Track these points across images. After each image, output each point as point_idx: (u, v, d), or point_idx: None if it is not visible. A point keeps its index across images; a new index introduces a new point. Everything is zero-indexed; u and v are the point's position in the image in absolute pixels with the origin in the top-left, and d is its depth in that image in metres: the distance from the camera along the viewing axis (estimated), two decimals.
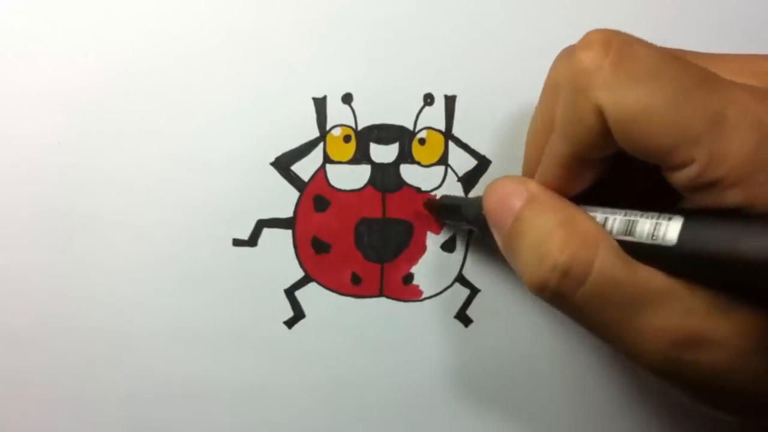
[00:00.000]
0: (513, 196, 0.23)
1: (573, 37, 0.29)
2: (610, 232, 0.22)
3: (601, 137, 0.21)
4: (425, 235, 0.29)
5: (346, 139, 0.29)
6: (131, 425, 0.30)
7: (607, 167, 0.23)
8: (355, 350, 0.30)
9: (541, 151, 0.23)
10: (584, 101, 0.21)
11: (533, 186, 0.23)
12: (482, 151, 0.29)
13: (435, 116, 0.29)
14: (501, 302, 0.30)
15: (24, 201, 0.28)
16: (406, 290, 0.30)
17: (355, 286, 0.29)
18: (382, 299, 0.30)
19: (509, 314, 0.30)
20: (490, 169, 0.29)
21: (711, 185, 0.20)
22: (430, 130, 0.29)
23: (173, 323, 0.29)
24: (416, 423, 0.30)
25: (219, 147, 0.29)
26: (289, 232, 0.29)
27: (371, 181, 0.29)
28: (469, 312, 0.30)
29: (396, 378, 0.30)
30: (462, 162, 0.29)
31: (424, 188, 0.29)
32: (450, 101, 0.29)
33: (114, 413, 0.29)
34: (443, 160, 0.29)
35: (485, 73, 0.29)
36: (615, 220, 0.22)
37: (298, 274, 0.29)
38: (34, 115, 0.28)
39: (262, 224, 0.29)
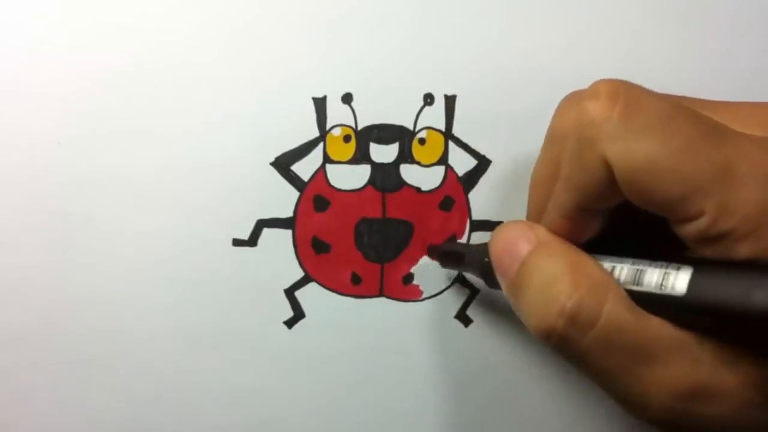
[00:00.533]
0: (520, 241, 0.23)
1: (573, 36, 0.29)
2: (618, 280, 0.21)
3: (607, 189, 0.21)
4: (425, 235, 0.29)
5: (346, 139, 0.29)
6: (131, 425, 0.30)
7: (614, 216, 0.23)
8: (355, 350, 0.30)
9: (546, 199, 0.23)
10: (591, 152, 0.21)
11: (541, 231, 0.23)
12: (482, 151, 0.29)
13: (435, 116, 0.29)
14: (501, 302, 0.30)
15: (24, 201, 0.28)
16: (406, 290, 0.30)
17: (355, 286, 0.29)
18: (382, 299, 0.30)
19: (509, 314, 0.30)
20: (490, 169, 0.29)
21: (720, 237, 0.19)
22: (430, 130, 0.29)
23: (173, 323, 0.29)
24: (416, 423, 0.30)
25: (219, 147, 0.29)
26: (289, 232, 0.29)
27: (371, 181, 0.29)
28: (469, 312, 0.30)
29: (396, 378, 0.30)
30: (462, 162, 0.29)
31: (424, 188, 0.29)
32: (450, 101, 0.29)
33: (114, 413, 0.29)
34: (443, 160, 0.29)
35: (485, 73, 0.29)
36: (623, 269, 0.21)
37: (298, 274, 0.29)
38: (34, 115, 0.28)
39: (262, 224, 0.29)
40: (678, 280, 0.20)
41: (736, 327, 0.19)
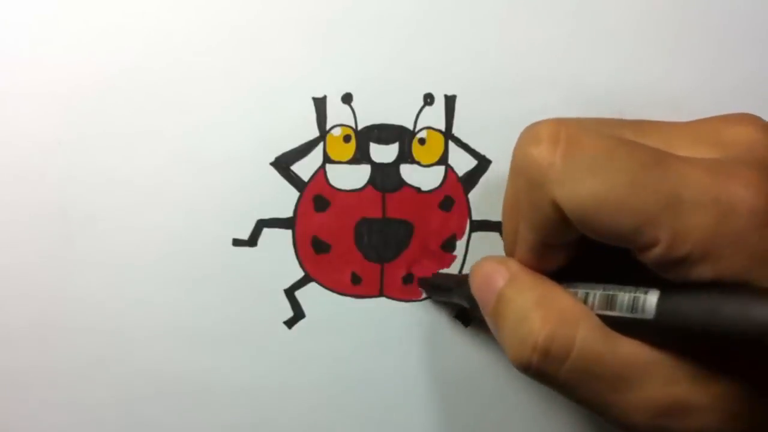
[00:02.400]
0: (495, 275, 0.24)
1: (572, 37, 0.29)
2: (592, 307, 0.22)
3: (562, 226, 0.21)
4: (425, 235, 0.29)
5: (346, 138, 0.29)
6: (131, 425, 0.30)
7: (581, 246, 0.23)
8: (355, 350, 0.30)
9: (515, 233, 0.24)
10: (540, 195, 0.21)
11: (513, 265, 0.24)
12: (482, 151, 0.29)
13: (435, 116, 0.29)
14: None
15: (24, 201, 0.28)
16: (406, 290, 0.30)
17: (355, 286, 0.29)
18: (382, 299, 0.30)
19: None
20: (490, 169, 0.29)
21: (678, 263, 0.20)
22: (430, 130, 0.29)
23: (173, 323, 0.29)
24: (416, 423, 0.30)
25: (219, 147, 0.29)
26: (289, 232, 0.29)
27: (371, 181, 0.29)
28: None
29: (396, 378, 0.30)
30: (462, 162, 0.29)
31: (424, 188, 0.29)
32: (450, 101, 0.29)
33: (114, 413, 0.29)
34: (443, 160, 0.29)
35: (485, 73, 0.29)
36: (596, 295, 0.22)
37: (298, 274, 0.29)
38: (34, 115, 0.28)
39: (262, 224, 0.29)
40: (647, 303, 0.20)
41: (704, 345, 0.20)
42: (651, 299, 0.20)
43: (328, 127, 0.29)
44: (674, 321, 0.20)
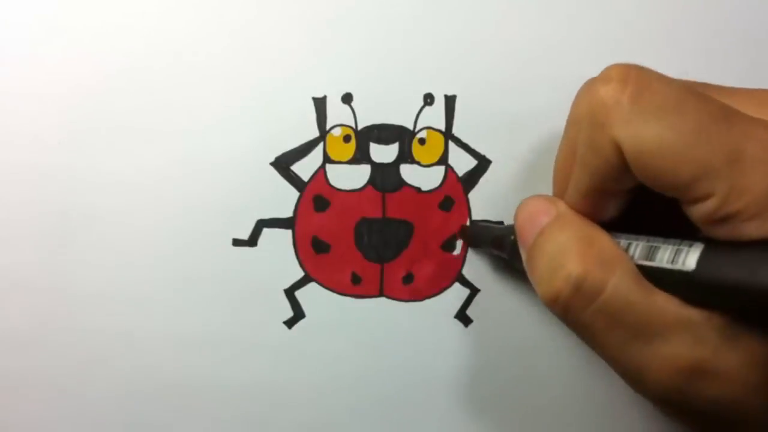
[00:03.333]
0: (541, 214, 0.24)
1: (572, 36, 0.29)
2: (632, 257, 0.22)
3: (620, 171, 0.21)
4: (425, 235, 0.29)
5: (346, 139, 0.29)
6: (131, 425, 0.30)
7: (633, 197, 0.23)
8: (355, 350, 0.30)
9: (568, 180, 0.24)
10: (602, 136, 0.21)
11: (562, 205, 0.24)
12: (482, 151, 0.29)
13: (435, 116, 0.29)
14: (501, 302, 0.30)
15: (24, 201, 0.28)
16: (406, 290, 0.30)
17: (355, 286, 0.29)
18: (382, 299, 0.30)
19: (509, 314, 0.30)
20: (490, 169, 0.29)
21: (728, 219, 0.20)
22: (430, 130, 0.29)
23: (173, 323, 0.29)
24: (416, 423, 0.30)
25: (219, 147, 0.29)
26: (288, 232, 0.29)
27: (371, 181, 0.29)
28: (469, 312, 0.30)
29: (396, 378, 0.30)
30: (462, 162, 0.29)
31: (424, 188, 0.29)
32: (450, 101, 0.29)
33: (114, 413, 0.29)
34: (443, 160, 0.29)
35: (485, 73, 0.29)
36: (638, 246, 0.22)
37: (298, 274, 0.29)
38: (34, 115, 0.28)
39: (262, 224, 0.29)
40: (689, 256, 0.20)
41: (741, 303, 0.20)
42: (693, 252, 0.20)
43: (328, 127, 0.29)
44: (714, 276, 0.20)
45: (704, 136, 0.20)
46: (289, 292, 0.29)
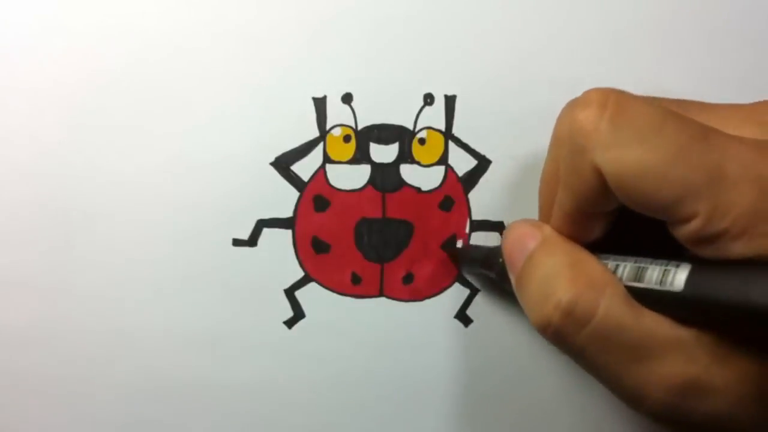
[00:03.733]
0: (528, 238, 0.24)
1: (572, 36, 0.29)
2: (621, 278, 0.22)
3: (602, 194, 0.21)
4: (425, 235, 0.29)
5: (346, 138, 0.29)
6: (131, 425, 0.30)
7: (619, 218, 0.23)
8: (355, 350, 0.30)
9: (552, 201, 0.24)
10: (583, 160, 0.21)
11: (547, 229, 0.24)
12: (482, 151, 0.29)
13: (435, 116, 0.29)
14: (501, 302, 0.30)
15: (24, 201, 0.28)
16: (406, 290, 0.30)
17: (355, 286, 0.29)
18: (382, 299, 0.30)
19: (509, 314, 0.30)
20: (490, 169, 0.29)
21: (714, 238, 0.20)
22: (430, 130, 0.29)
23: (173, 323, 0.29)
24: (416, 423, 0.30)
25: (219, 147, 0.29)
26: (288, 232, 0.29)
27: (371, 181, 0.29)
28: (469, 312, 0.30)
29: (396, 378, 0.30)
30: (462, 162, 0.29)
31: (424, 188, 0.29)
32: (450, 101, 0.29)
33: (113, 413, 0.29)
34: (443, 160, 0.29)
35: (485, 73, 0.29)
36: (626, 267, 0.22)
37: (298, 274, 0.29)
38: (33, 115, 0.28)
39: (261, 224, 0.29)
40: (677, 276, 0.20)
41: (731, 323, 0.20)
42: (681, 272, 0.20)
43: (328, 127, 0.29)
44: (703, 295, 0.20)
45: (684, 157, 0.20)
46: (289, 292, 0.29)
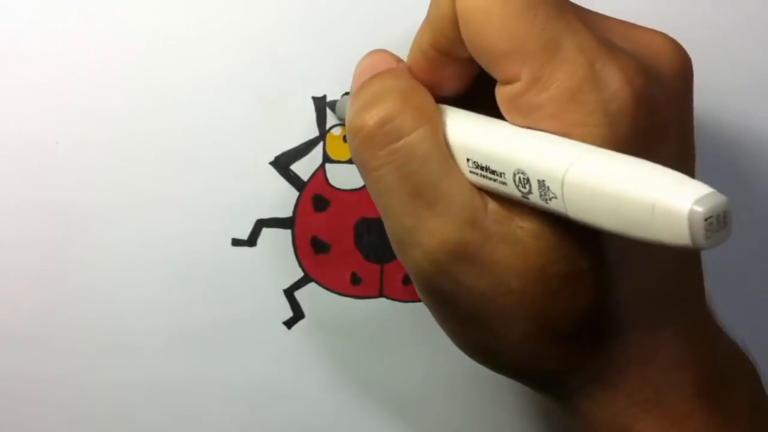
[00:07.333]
0: (381, 63, 0.24)
1: None
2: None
3: (455, 28, 0.21)
4: None
5: (346, 138, 0.29)
6: (130, 425, 0.30)
7: (470, 80, 0.23)
8: (354, 350, 0.30)
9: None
10: None
11: (402, 63, 0.24)
12: None
13: None
14: None
15: (22, 200, 0.28)
16: (405, 290, 0.30)
17: (355, 287, 0.29)
18: (382, 299, 0.30)
19: None
20: None
21: (529, 110, 0.20)
22: None
23: (172, 323, 0.29)
24: (416, 423, 0.30)
25: (219, 147, 0.29)
26: (288, 232, 0.29)
27: None
28: None
29: (396, 378, 0.30)
30: None
31: None
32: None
33: (113, 413, 0.29)
34: None
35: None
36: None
37: (298, 274, 0.29)
38: (31, 115, 0.28)
39: (261, 224, 0.29)
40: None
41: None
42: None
43: (327, 126, 0.29)
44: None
45: (529, 16, 0.20)
46: (289, 292, 0.29)
